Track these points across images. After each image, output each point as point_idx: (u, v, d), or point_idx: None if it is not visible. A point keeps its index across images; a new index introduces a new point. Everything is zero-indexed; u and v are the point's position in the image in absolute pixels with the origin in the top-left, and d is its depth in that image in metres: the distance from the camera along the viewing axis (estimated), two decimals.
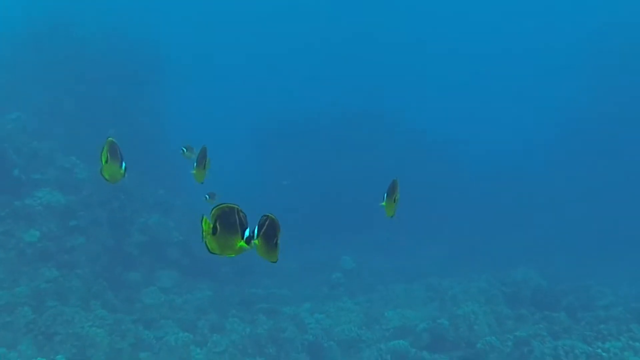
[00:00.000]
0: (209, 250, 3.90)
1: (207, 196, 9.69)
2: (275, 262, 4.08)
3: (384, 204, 5.71)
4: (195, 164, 6.82)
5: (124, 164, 4.68)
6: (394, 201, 5.78)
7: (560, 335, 13.45)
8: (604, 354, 11.58)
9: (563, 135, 31.54)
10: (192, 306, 13.67)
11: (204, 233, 3.83)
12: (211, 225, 3.81)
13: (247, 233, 3.87)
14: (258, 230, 3.93)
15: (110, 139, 4.61)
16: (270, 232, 3.95)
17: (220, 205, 3.79)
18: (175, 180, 18.54)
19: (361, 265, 18.93)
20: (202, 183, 7.01)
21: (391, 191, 5.82)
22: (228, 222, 3.82)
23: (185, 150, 9.08)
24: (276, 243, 3.97)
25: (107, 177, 4.73)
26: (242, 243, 3.85)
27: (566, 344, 12.39)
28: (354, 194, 22.57)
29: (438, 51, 41.62)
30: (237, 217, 3.82)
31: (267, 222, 3.93)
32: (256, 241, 3.92)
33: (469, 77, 40.56)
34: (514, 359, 12.54)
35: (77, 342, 10.93)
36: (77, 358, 10.70)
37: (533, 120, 35.38)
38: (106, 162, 4.68)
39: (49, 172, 15.11)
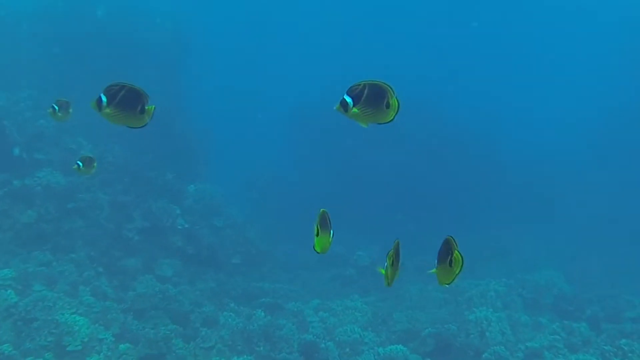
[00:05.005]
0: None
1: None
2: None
3: (434, 271, 4.41)
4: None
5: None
6: (450, 265, 4.36)
7: (578, 348, 12.59)
8: None
9: (604, 128, 30.23)
10: (189, 297, 13.04)
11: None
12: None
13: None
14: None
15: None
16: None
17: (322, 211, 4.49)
18: (188, 166, 18.05)
19: (377, 262, 18.15)
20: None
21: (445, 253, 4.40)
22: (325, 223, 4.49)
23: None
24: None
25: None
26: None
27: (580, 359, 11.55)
28: (380, 186, 21.88)
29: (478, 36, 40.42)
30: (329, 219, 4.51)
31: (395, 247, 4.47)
32: None
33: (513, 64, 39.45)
34: None
35: (55, 329, 10.46)
36: (51, 346, 10.23)
37: (572, 112, 34.07)
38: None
39: (53, 152, 14.71)
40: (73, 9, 19.06)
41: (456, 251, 4.33)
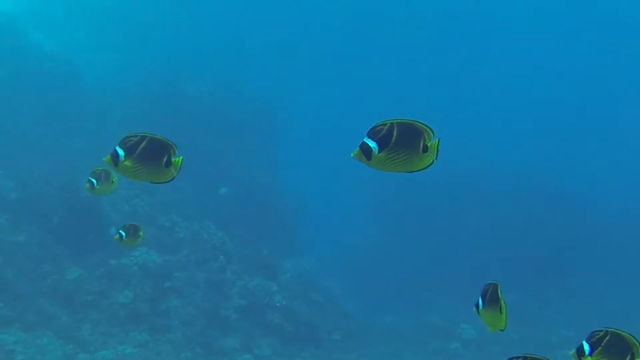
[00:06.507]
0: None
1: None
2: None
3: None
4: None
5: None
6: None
7: None
8: None
9: None
10: None
11: None
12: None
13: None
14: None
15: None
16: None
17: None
18: (284, 241, 17.74)
19: (484, 334, 17.21)
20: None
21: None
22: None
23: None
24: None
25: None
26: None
27: None
28: (480, 253, 20.95)
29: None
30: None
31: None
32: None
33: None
34: None
35: None
36: None
37: None
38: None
39: (148, 230, 14.56)
40: (165, 86, 19.38)
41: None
